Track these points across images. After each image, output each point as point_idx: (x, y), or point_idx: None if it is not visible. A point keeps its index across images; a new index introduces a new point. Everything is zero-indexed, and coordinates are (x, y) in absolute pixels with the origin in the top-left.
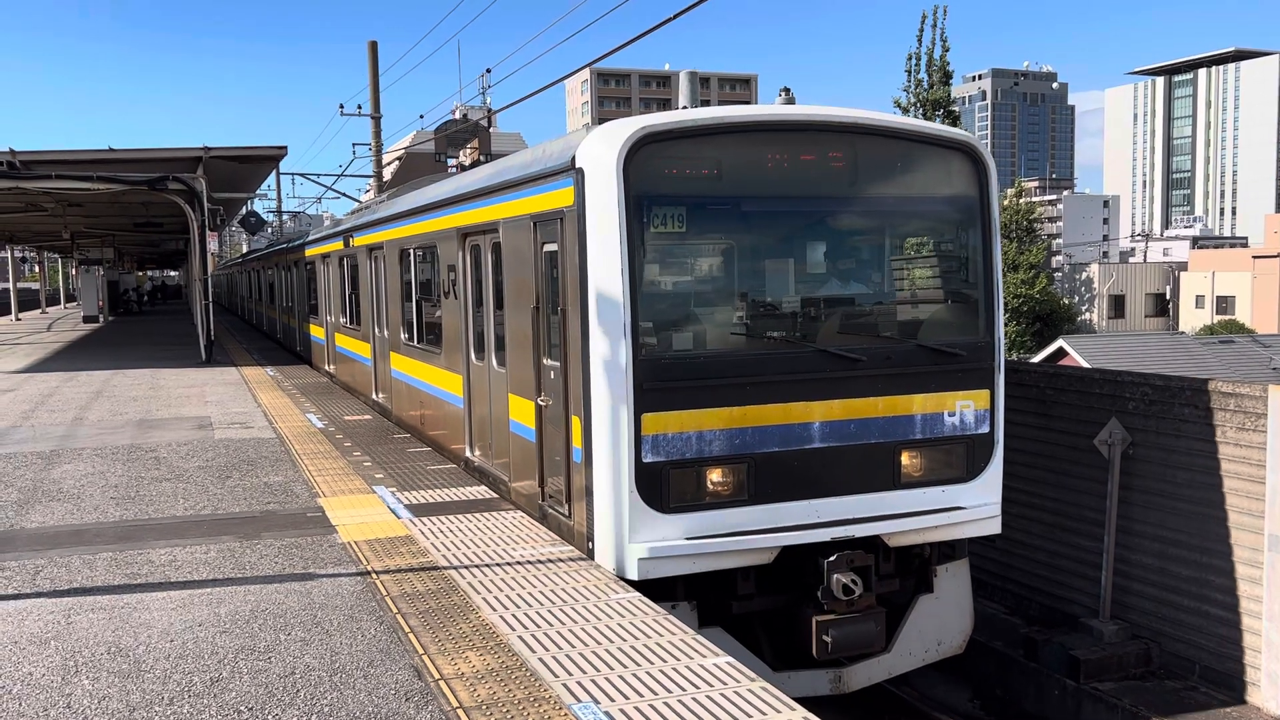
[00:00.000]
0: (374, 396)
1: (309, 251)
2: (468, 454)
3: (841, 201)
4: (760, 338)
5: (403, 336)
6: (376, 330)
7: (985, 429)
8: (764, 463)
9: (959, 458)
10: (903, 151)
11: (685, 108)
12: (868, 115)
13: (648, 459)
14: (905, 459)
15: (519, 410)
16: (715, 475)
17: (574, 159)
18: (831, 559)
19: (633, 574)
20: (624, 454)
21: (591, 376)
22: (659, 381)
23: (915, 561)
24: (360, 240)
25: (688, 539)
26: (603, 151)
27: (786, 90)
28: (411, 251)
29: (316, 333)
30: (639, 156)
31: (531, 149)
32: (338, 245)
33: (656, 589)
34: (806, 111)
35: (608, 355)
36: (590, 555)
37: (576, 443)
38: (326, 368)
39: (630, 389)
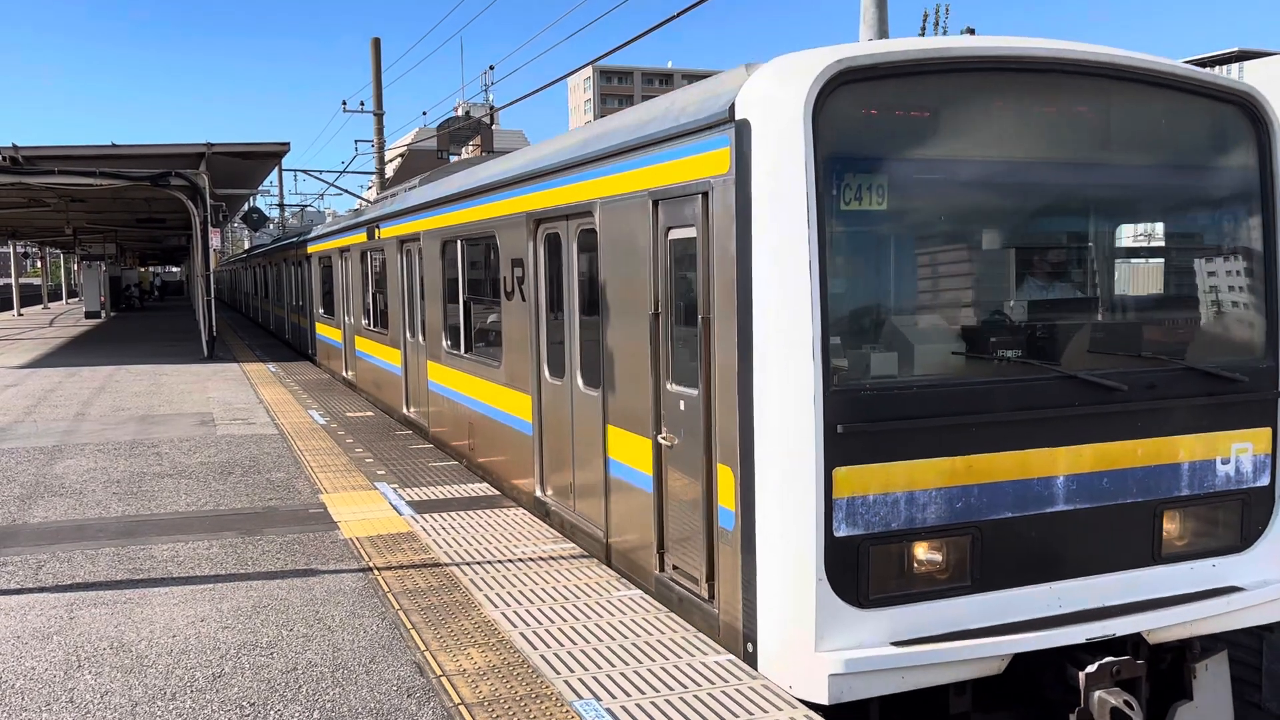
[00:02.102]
0: (404, 411)
1: (323, 245)
2: (538, 493)
3: (1093, 171)
4: (989, 359)
5: (445, 344)
6: (409, 335)
7: (1265, 480)
8: (993, 534)
9: (1233, 519)
10: (1169, 105)
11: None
12: (1127, 55)
13: (841, 531)
14: (1168, 523)
15: (623, 448)
16: (929, 553)
17: (732, 108)
18: (1090, 670)
19: (821, 695)
20: (808, 524)
21: (757, 412)
22: (859, 421)
23: (1168, 658)
24: (389, 231)
25: (894, 645)
26: (782, 95)
27: (971, 30)
28: (459, 243)
29: (331, 334)
30: (835, 102)
31: (643, 106)
32: (358, 238)
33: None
34: (1053, 47)
35: (783, 383)
36: (747, 659)
37: (726, 502)
38: (345, 374)
39: (818, 432)
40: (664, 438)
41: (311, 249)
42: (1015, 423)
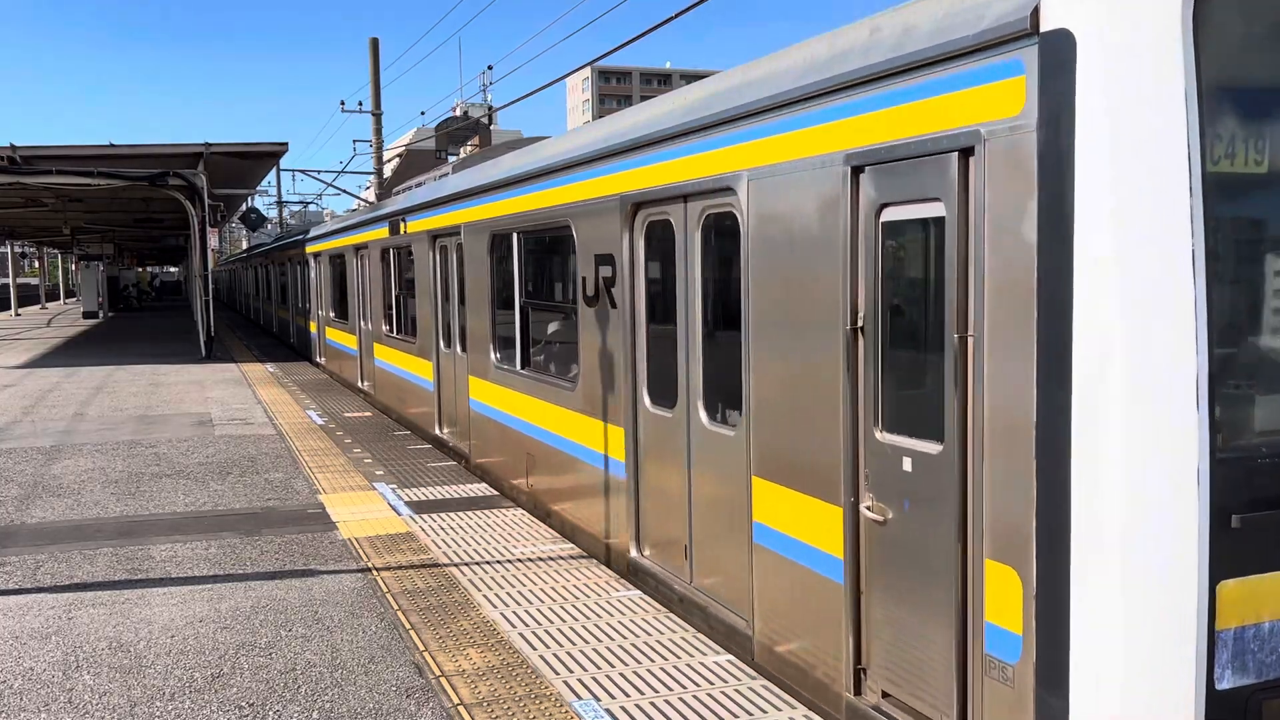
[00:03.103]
0: (437, 431)
1: (335, 242)
2: (633, 552)
3: None
4: None
5: (493, 358)
6: (443, 345)
7: None
8: None
9: None
10: None
11: None
12: None
13: (1226, 681)
14: None
15: (783, 511)
16: None
17: (1035, 15)
18: None
19: None
20: (1178, 670)
21: (1075, 487)
22: (1261, 508)
23: None
24: (418, 225)
25: None
26: None
27: None
28: (514, 237)
29: (343, 340)
30: (1216, 5)
31: (817, 40)
32: (378, 233)
33: None
34: None
35: (1132, 442)
36: None
37: (1001, 617)
38: (360, 384)
39: (1201, 525)
40: (869, 508)
41: (320, 246)
42: None
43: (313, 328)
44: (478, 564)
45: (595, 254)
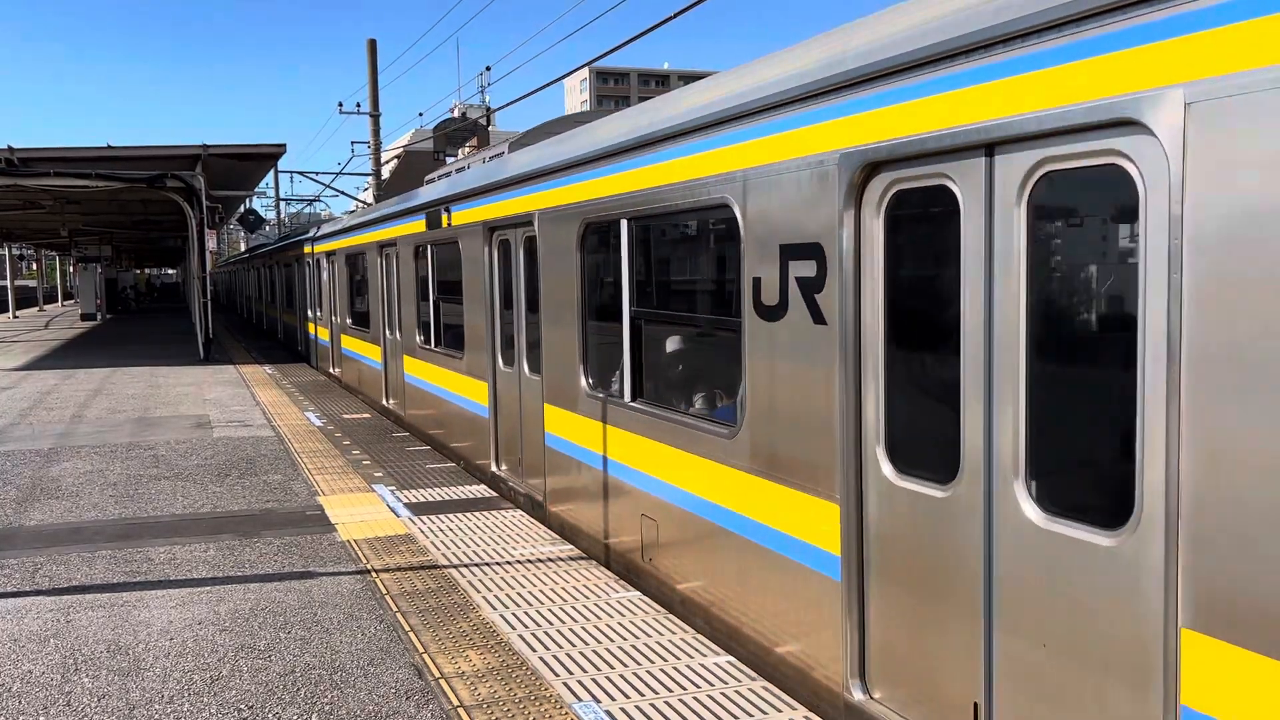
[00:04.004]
0: (494, 468)
1: (354, 240)
2: (857, 696)
3: None
4: None
5: (585, 384)
6: (501, 362)
7: None
8: None
9: None
10: None
11: None
12: None
13: None
14: None
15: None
16: None
17: None
18: None
19: None
20: None
21: None
22: None
23: None
24: (469, 215)
25: None
26: None
27: None
28: (625, 224)
29: (363, 350)
30: None
31: None
32: (410, 228)
33: None
34: None
35: None
36: None
37: None
38: (386, 402)
39: None
40: None
41: (334, 244)
42: None
43: (323, 334)
44: (477, 565)
45: (782, 244)
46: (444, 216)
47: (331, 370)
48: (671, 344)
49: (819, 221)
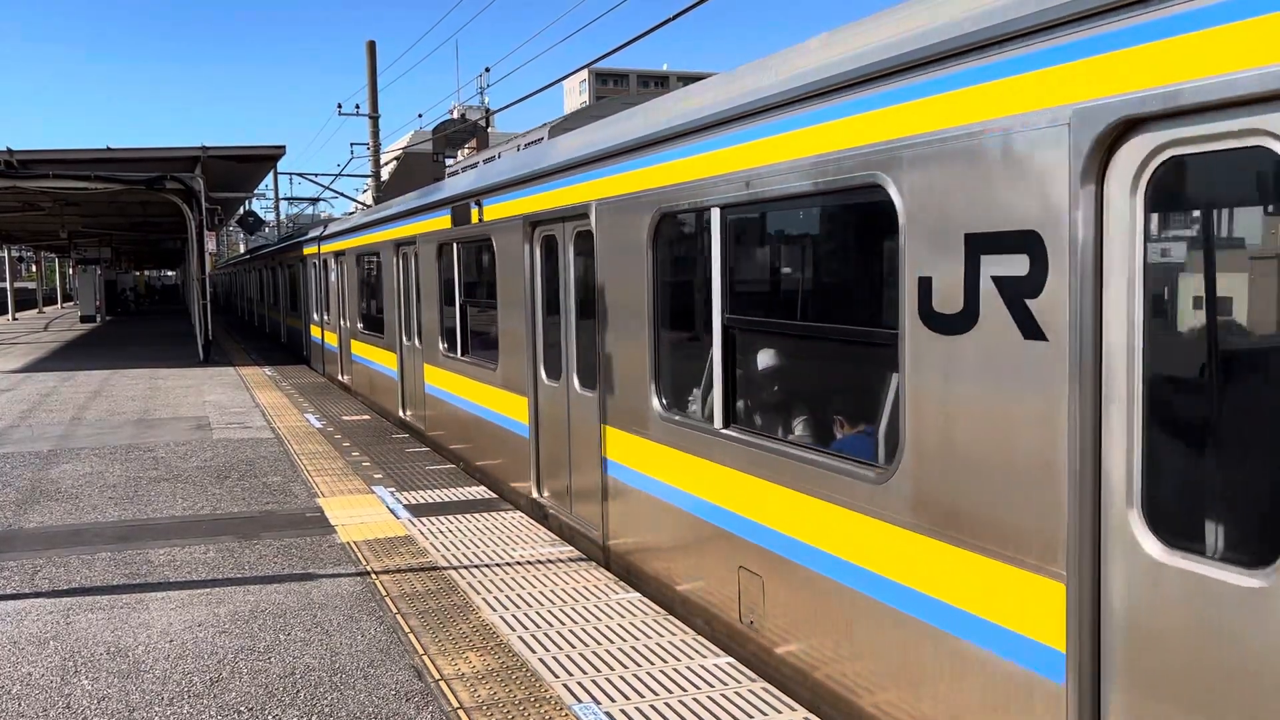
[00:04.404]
0: (534, 493)
1: (366, 239)
2: None
3: None
4: None
5: (659, 405)
6: (544, 375)
7: None
8: None
9: None
10: None
11: None
12: None
13: None
14: None
15: None
16: None
17: None
18: None
19: None
20: None
21: None
22: None
23: None
24: (505, 208)
25: None
26: None
27: None
28: (714, 214)
29: (377, 358)
30: None
31: None
32: (433, 224)
33: None
34: None
35: None
36: None
37: None
38: (403, 414)
39: None
40: None
41: (341, 245)
42: None
43: (331, 339)
44: (477, 567)
45: (969, 234)
46: (474, 211)
47: (340, 376)
48: (775, 359)
49: (1036, 203)
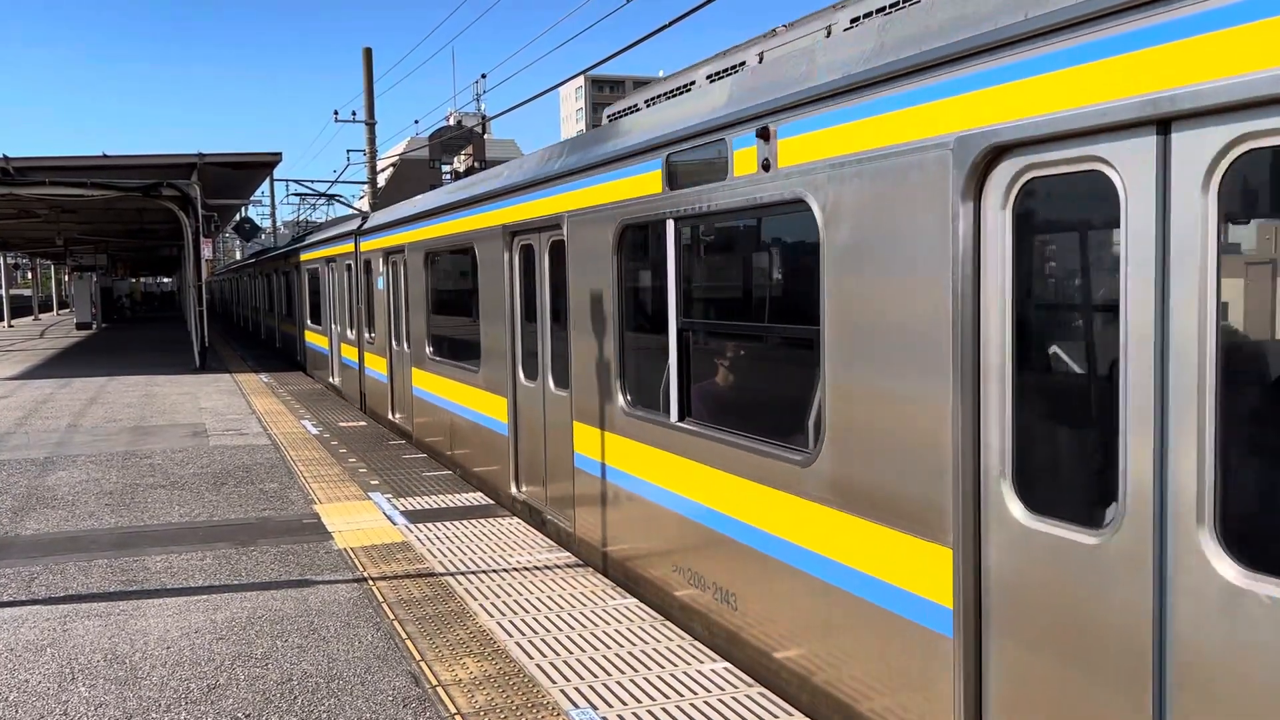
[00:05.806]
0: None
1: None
2: None
3: None
4: None
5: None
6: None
7: None
8: None
9: None
10: None
11: None
12: None
13: None
14: None
15: None
16: None
17: None
18: None
19: None
20: None
21: None
22: None
23: None
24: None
25: None
26: None
27: None
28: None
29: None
30: None
31: None
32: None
33: None
34: None
35: None
36: None
37: None
38: (391, 415)
39: None
40: None
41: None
42: None
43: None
44: (474, 573)
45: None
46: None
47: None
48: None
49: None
